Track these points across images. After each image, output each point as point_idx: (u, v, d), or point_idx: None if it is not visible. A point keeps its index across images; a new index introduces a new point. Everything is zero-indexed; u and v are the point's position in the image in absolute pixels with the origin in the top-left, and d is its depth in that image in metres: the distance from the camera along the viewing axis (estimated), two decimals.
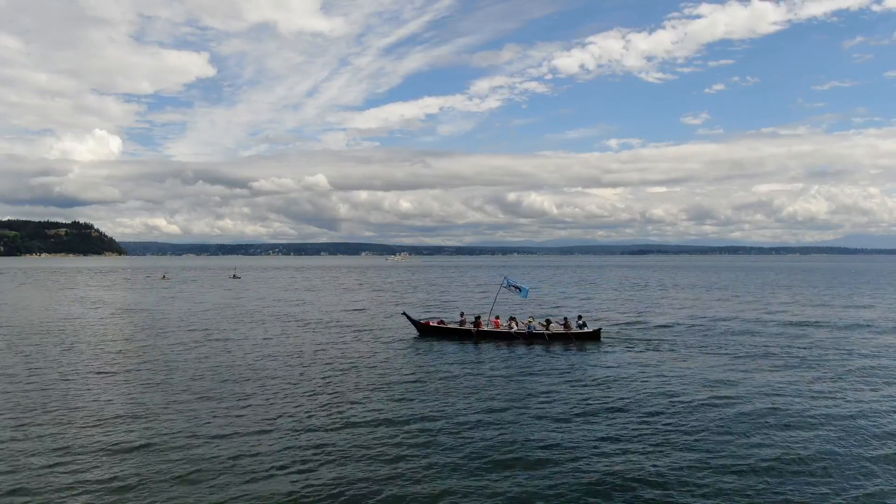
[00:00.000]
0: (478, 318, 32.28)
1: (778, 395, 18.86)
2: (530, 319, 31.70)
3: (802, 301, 54.57)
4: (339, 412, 16.93)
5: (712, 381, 20.69)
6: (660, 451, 13.71)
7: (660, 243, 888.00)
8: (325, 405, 17.72)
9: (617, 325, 36.55)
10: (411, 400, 18.49)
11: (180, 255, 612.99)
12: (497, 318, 32.20)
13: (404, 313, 35.16)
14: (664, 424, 15.74)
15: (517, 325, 30.82)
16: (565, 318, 31.98)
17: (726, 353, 26.40)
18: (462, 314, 34.16)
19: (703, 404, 17.65)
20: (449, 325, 32.35)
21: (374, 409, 17.26)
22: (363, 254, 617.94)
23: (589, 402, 18.14)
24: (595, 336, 29.91)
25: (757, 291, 68.08)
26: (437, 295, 65.07)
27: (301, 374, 22.22)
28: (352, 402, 18.04)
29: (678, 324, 37.10)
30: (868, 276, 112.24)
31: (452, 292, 69.07)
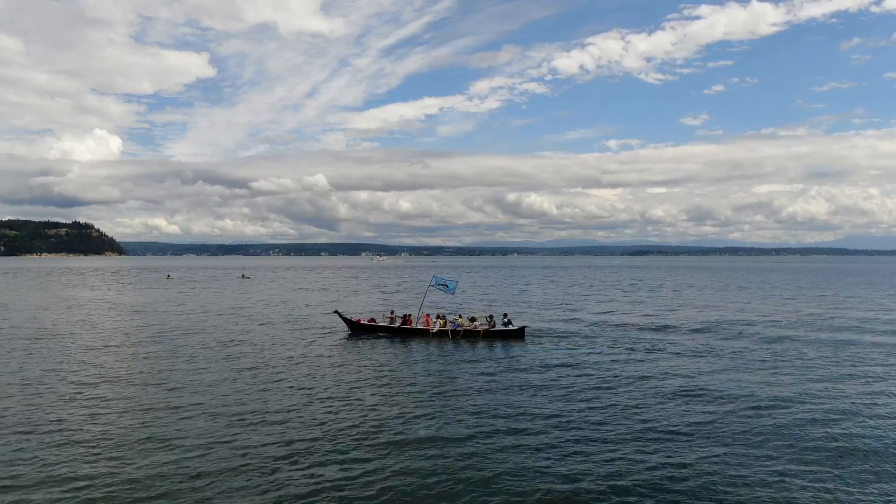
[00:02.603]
0: (407, 315, 33.12)
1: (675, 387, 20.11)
2: (457, 317, 32.63)
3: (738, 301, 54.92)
4: (265, 412, 17.21)
5: (623, 377, 21.71)
6: (565, 440, 14.69)
7: (659, 244, 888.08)
8: (252, 406, 18.18)
9: (549, 323, 37.86)
10: (339, 398, 18.85)
11: (180, 255, 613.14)
12: (427, 315, 33.08)
13: (336, 311, 35.67)
14: (572, 417, 16.64)
15: (445, 322, 31.74)
16: (490, 316, 32.82)
17: (649, 351, 27.32)
18: (392, 311, 34.92)
19: (610, 399, 18.59)
20: (379, 323, 33.03)
21: (297, 407, 17.63)
22: (363, 254, 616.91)
23: (507, 395, 19.10)
24: (519, 334, 30.98)
25: (720, 292, 68.98)
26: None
27: (217, 374, 23.00)
28: (277, 400, 18.44)
29: (611, 323, 37.99)
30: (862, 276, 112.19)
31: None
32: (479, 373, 22.59)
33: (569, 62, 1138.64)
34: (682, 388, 19.83)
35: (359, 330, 32.88)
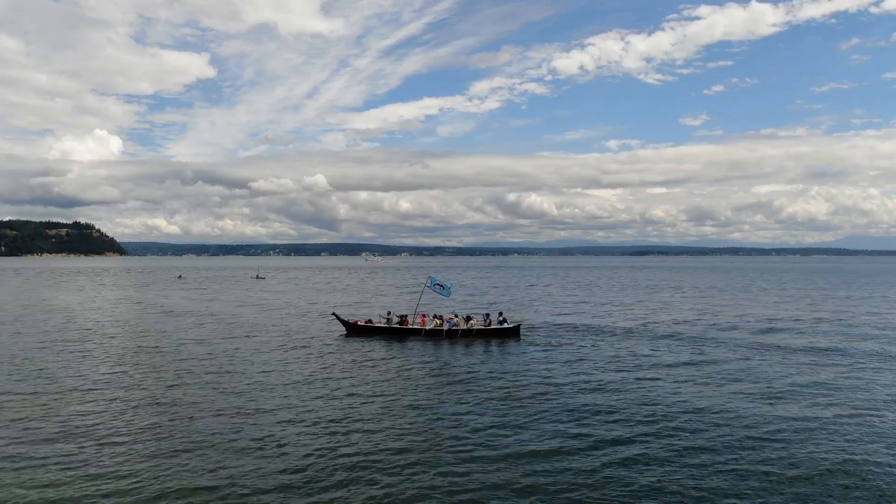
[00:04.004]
0: (404, 316, 33.45)
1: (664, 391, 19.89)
2: (452, 317, 32.89)
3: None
4: (266, 414, 17.27)
5: (613, 376, 21.91)
6: (561, 436, 14.99)
7: (660, 244, 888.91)
8: (252, 408, 18.00)
9: (544, 322, 38.21)
10: (339, 398, 19.06)
11: (180, 255, 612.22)
12: (423, 315, 33.51)
13: (334, 313, 35.99)
14: (565, 412, 17.17)
15: (441, 322, 32.09)
16: (487, 315, 33.15)
17: (639, 354, 27.10)
18: (389, 312, 35.18)
19: (599, 396, 19.06)
20: (376, 324, 33.27)
21: (298, 407, 17.84)
22: (364, 254, 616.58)
23: (502, 391, 19.66)
24: (515, 332, 31.31)
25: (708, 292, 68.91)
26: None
27: (224, 375, 22.76)
28: (279, 403, 18.45)
29: (600, 323, 38.02)
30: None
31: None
32: (475, 371, 23.06)
33: (568, 62, 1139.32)
34: (688, 394, 19.54)
35: (356, 331, 33.11)
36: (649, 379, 21.54)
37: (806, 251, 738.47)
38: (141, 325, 38.10)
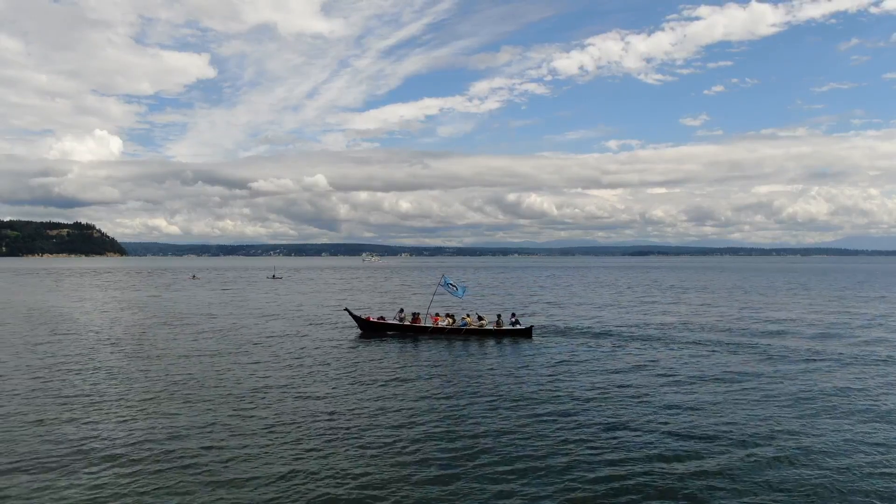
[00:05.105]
0: (416, 314, 33.73)
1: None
2: (465, 317, 33.15)
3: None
4: (286, 411, 17.41)
5: (628, 377, 22.08)
6: (577, 438, 15.03)
7: (660, 244, 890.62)
8: (271, 407, 17.94)
9: (555, 323, 38.08)
10: (355, 395, 19.29)
11: (181, 255, 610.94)
12: (437, 314, 33.85)
13: (346, 309, 35.93)
14: (576, 414, 17.21)
15: (453, 321, 32.49)
16: (498, 316, 33.45)
17: (650, 354, 26.98)
18: (401, 310, 35.21)
19: (614, 396, 19.27)
20: (389, 322, 33.42)
21: (316, 404, 18.10)
22: (363, 255, 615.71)
23: (514, 392, 19.75)
24: (527, 333, 31.41)
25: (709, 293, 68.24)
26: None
27: (239, 375, 22.42)
28: (296, 400, 18.69)
29: (614, 324, 37.82)
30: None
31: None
32: (487, 371, 23.19)
33: (568, 63, 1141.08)
34: (695, 397, 19.01)
35: (369, 328, 33.25)
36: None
37: (806, 251, 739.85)
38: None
